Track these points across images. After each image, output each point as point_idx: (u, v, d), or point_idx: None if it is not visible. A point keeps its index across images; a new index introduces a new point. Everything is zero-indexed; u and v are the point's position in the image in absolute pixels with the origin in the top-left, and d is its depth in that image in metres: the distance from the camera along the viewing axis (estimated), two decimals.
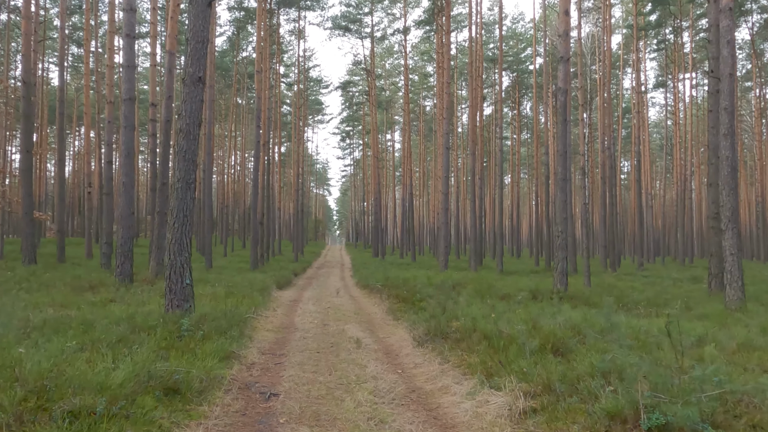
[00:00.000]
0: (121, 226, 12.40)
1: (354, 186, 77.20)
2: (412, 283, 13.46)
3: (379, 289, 13.60)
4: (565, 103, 12.54)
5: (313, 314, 10.88)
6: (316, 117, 68.13)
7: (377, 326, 9.78)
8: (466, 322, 7.77)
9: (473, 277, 14.89)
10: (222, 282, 14.06)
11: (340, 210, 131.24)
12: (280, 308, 11.92)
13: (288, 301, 13.35)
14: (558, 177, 12.53)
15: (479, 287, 12.89)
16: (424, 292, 12.06)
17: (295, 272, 24.04)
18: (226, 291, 11.82)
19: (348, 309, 11.70)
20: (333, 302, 12.90)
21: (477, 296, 11.69)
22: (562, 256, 12.43)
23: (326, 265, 33.94)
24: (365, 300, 13.56)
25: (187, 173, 7.40)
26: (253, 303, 10.81)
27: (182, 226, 7.36)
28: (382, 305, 11.94)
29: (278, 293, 15.43)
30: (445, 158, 21.63)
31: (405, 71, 35.45)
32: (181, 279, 7.35)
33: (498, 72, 26.23)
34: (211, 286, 12.82)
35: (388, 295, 12.40)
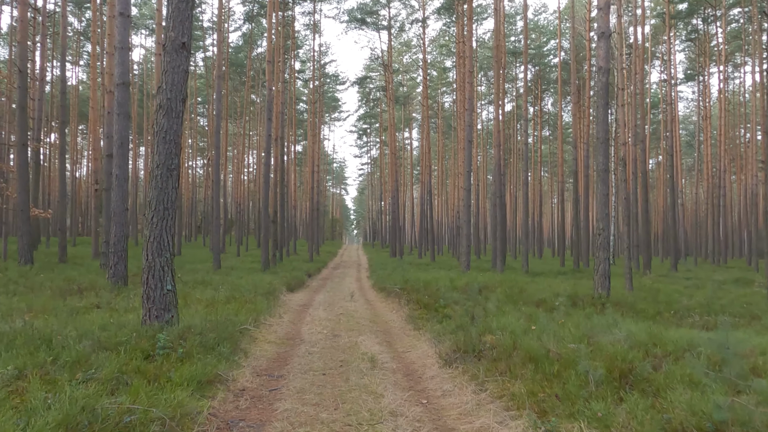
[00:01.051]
0: (114, 223, 11.29)
1: (371, 184, 76.04)
2: (433, 286, 12.16)
3: (398, 293, 12.31)
4: (606, 84, 11.13)
5: (323, 322, 9.62)
6: (332, 114, 67.06)
7: (395, 337, 8.49)
8: (503, 337, 6.45)
9: (500, 280, 13.53)
10: (227, 284, 12.90)
11: (358, 209, 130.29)
12: (288, 314, 10.69)
13: (297, 306, 12.12)
14: (598, 168, 11.12)
15: (509, 291, 11.54)
16: (448, 297, 10.77)
17: (309, 273, 22.86)
18: (228, 295, 10.64)
19: (362, 316, 10.43)
20: (346, 308, 11.64)
21: (508, 302, 10.35)
22: (603, 257, 11.03)
23: (342, 265, 32.74)
24: (382, 305, 12.28)
25: (168, 157, 6.20)
26: (256, 309, 9.60)
27: (162, 221, 6.16)
28: (400, 311, 10.65)
29: (288, 296, 14.23)
30: (467, 152, 20.26)
31: (423, 64, 34.09)
32: (161, 284, 6.13)
33: (523, 62, 24.78)
34: (212, 290, 11.66)
35: (408, 300, 11.10)
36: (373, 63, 54.16)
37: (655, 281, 18.17)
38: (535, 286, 12.57)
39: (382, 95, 54.03)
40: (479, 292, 12.00)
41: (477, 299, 10.86)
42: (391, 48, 41.14)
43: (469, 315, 9.19)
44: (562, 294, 11.08)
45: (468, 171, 20.19)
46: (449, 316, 9.47)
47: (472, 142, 20.51)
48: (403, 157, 60.37)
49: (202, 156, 65.61)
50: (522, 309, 9.47)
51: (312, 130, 35.89)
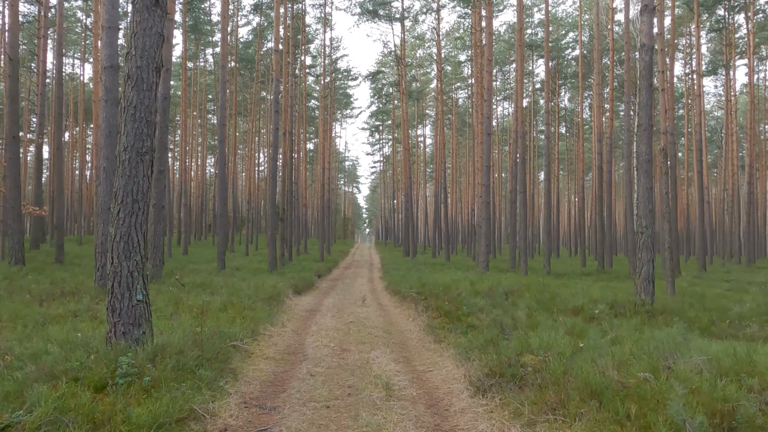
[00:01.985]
0: (102, 221, 10.25)
1: (384, 182, 74.92)
2: (453, 290, 10.97)
3: (414, 298, 11.14)
4: (649, 64, 9.86)
5: (331, 333, 8.48)
6: (344, 111, 65.96)
7: (413, 352, 7.33)
8: (549, 359, 5.26)
9: (526, 283, 12.30)
10: (227, 287, 11.82)
11: (370, 208, 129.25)
12: (292, 322, 9.57)
13: (303, 312, 11.00)
14: (640, 158, 9.86)
15: (539, 296, 10.32)
16: (472, 303, 9.58)
17: (319, 273, 21.75)
18: (225, 301, 9.53)
19: (375, 324, 9.27)
20: (357, 314, 10.49)
21: (539, 309, 9.14)
22: (647, 259, 9.77)
23: (354, 264, 31.62)
24: (397, 311, 11.12)
25: (139, 139, 5.07)
26: (255, 318, 8.49)
27: (131, 216, 5.04)
28: (418, 320, 9.47)
29: (294, 300, 13.11)
30: (485, 146, 19.03)
31: (438, 56, 32.81)
32: (129, 294, 5.02)
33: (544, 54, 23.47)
34: (209, 294, 10.58)
35: (426, 306, 9.92)
36: (386, 58, 53.02)
37: (691, 284, 16.83)
38: (566, 290, 11.33)
39: (394, 90, 52.86)
40: (505, 296, 10.81)
41: (504, 306, 9.67)
42: (404, 41, 39.94)
43: (497, 325, 8.01)
44: (599, 300, 9.85)
45: (487, 165, 18.96)
46: (474, 326, 8.31)
47: (491, 135, 19.27)
48: (416, 154, 59.16)
49: (213, 154, 64.85)
50: (558, 318, 8.27)
51: (323, 125, 34.78)
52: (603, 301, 9.69)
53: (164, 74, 12.55)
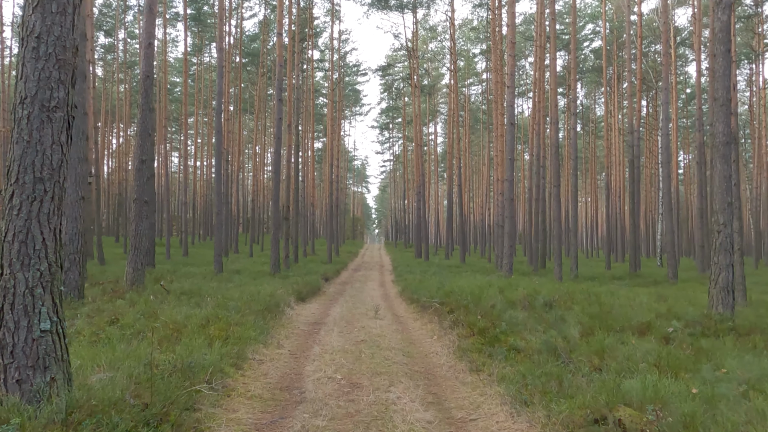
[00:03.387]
0: (66, 217, 8.58)
1: (394, 180, 73.24)
2: (485, 300, 9.19)
3: (437, 309, 9.38)
4: (727, 24, 8.05)
5: (338, 356, 6.75)
6: (353, 108, 64.28)
7: (446, 388, 5.58)
8: (664, 419, 3.49)
9: (566, 290, 10.50)
10: (219, 295, 10.14)
11: (379, 208, 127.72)
12: (290, 340, 7.86)
13: (306, 325, 9.28)
14: (717, 141, 8.04)
15: (590, 309, 8.51)
16: (508, 318, 7.83)
17: (326, 276, 20.06)
18: (210, 314, 7.83)
19: (392, 345, 7.52)
20: (369, 329, 8.75)
21: (597, 326, 7.36)
22: (725, 263, 7.95)
23: (363, 266, 29.91)
24: (416, 325, 9.36)
25: (45, 86, 3.36)
26: (242, 338, 6.79)
27: (31, 202, 3.33)
28: (444, 339, 7.72)
29: (297, 309, 11.41)
30: (509, 137, 17.24)
31: (452, 43, 31.01)
32: (28, 322, 3.31)
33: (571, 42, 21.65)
34: (195, 305, 8.89)
35: (454, 321, 8.14)
36: (396, 53, 51.28)
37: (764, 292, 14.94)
38: (617, 300, 9.52)
39: (406, 86, 51.12)
40: (547, 308, 9.03)
41: (548, 321, 7.91)
42: (417, 33, 38.21)
43: (550, 349, 6.26)
44: (667, 314, 8.04)
45: (510, 159, 17.16)
46: (518, 348, 6.57)
47: (515, 125, 17.48)
48: (428, 153, 57.40)
49: None
50: (627, 340, 6.49)
51: (331, 120, 33.12)
52: (671, 315, 7.89)
53: (146, 50, 10.90)
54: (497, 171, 23.58)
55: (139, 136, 10.91)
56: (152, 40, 10.89)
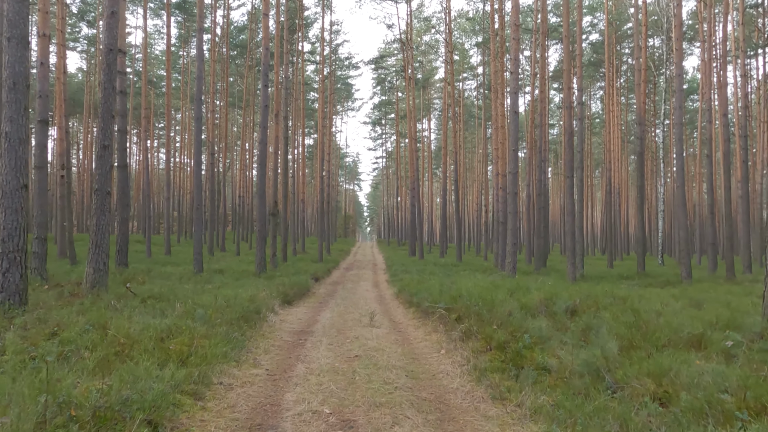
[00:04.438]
0: (3, 209, 7.24)
1: (387, 177, 71.92)
2: (498, 305, 7.91)
3: (443, 316, 8.10)
4: None
5: (327, 379, 5.45)
6: (345, 103, 62.86)
7: (466, 428, 4.30)
8: None
9: (588, 293, 9.25)
10: (192, 299, 8.81)
11: (371, 206, 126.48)
12: (270, 356, 6.57)
13: (290, 335, 7.99)
14: None
15: (622, 317, 7.27)
16: (529, 328, 6.57)
17: (317, 276, 18.77)
18: (172, 325, 6.50)
19: (392, 361, 6.23)
20: (364, 340, 7.47)
21: (635, 336, 6.13)
22: None
23: (356, 265, 28.61)
24: (418, 334, 8.08)
25: None
26: (208, 356, 5.50)
27: None
28: (455, 354, 6.44)
29: (282, 314, 10.13)
30: (512, 126, 16.01)
31: (448, 33, 29.73)
32: None
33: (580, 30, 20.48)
34: (159, 312, 7.56)
35: (466, 332, 6.85)
36: (390, 46, 49.97)
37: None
38: (648, 305, 8.28)
39: (399, 80, 49.84)
40: (569, 314, 7.79)
41: (576, 331, 6.68)
42: (411, 24, 36.93)
43: (590, 368, 5.02)
44: (710, 321, 6.81)
45: (514, 150, 15.93)
46: (548, 368, 5.32)
47: (518, 114, 16.25)
48: (420, 149, 56.16)
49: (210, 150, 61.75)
50: (678, 356, 5.25)
51: (322, 113, 31.76)
52: (722, 325, 6.67)
53: (110, 19, 9.54)
54: (497, 165, 22.36)
55: (101, 118, 9.55)
56: (116, 8, 9.53)
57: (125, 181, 14.13)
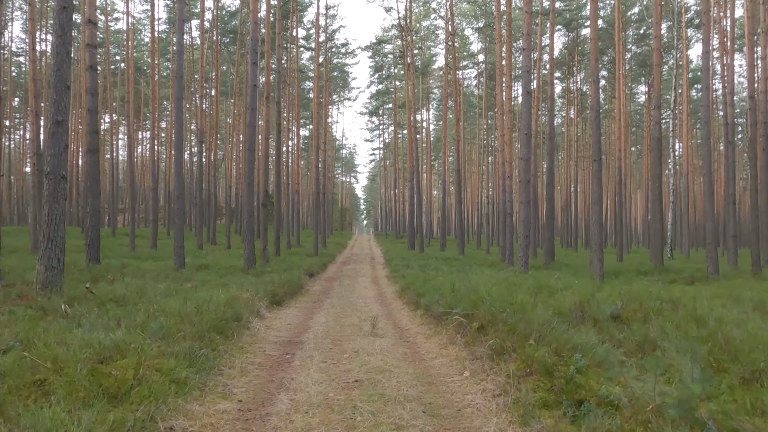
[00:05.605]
0: None
1: (384, 169, 70.44)
2: (529, 312, 6.48)
3: (461, 323, 6.68)
4: None
5: (317, 418, 4.04)
6: (341, 93, 61.20)
7: None
8: None
9: (628, 294, 7.84)
10: (160, 302, 7.39)
11: (368, 198, 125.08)
12: (246, 379, 5.15)
13: (275, 347, 6.58)
14: None
15: (685, 326, 5.87)
16: (577, 343, 5.15)
17: (311, 272, 17.39)
18: (120, 341, 5.06)
19: (403, 389, 4.81)
20: (365, 355, 6.06)
21: (718, 355, 4.74)
22: None
23: (353, 259, 27.21)
24: (430, 346, 6.66)
25: None
26: (157, 389, 4.07)
27: None
28: (484, 378, 5.02)
29: (268, 318, 8.73)
30: (524, 107, 14.57)
31: (450, 15, 28.22)
32: None
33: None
34: (106, 327, 6.12)
35: (497, 349, 5.40)
36: (388, 33, 48.38)
37: None
38: (701, 310, 6.88)
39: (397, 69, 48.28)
40: (615, 322, 6.40)
41: (631, 345, 5.28)
42: (411, 7, 35.36)
43: (682, 410, 3.62)
44: None
45: (527, 134, 14.49)
46: (615, 403, 3.93)
47: (531, 94, 14.81)
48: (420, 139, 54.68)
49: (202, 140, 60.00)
50: None
51: (317, 98, 30.23)
52: None
53: None
54: (503, 152, 20.94)
55: (53, 88, 8.08)
56: None
57: (96, 167, 12.65)
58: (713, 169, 16.74)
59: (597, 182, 11.69)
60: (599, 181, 11.72)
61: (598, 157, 11.64)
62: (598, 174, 11.64)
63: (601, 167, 11.81)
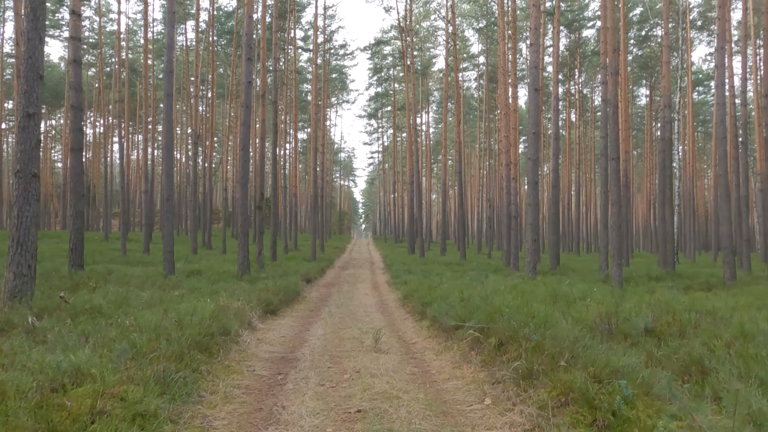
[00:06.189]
0: None
1: (383, 172, 69.71)
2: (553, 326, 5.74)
3: (476, 338, 5.94)
4: None
5: None
6: (340, 96, 60.52)
7: None
8: None
9: (654, 303, 7.11)
10: (137, 313, 6.65)
11: (366, 202, 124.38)
12: (228, 409, 4.40)
13: (266, 365, 5.84)
14: None
15: (738, 345, 5.14)
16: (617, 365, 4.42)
17: (308, 277, 16.64)
18: (84, 364, 4.31)
19: (415, 422, 4.07)
20: (369, 378, 5.31)
21: None
22: None
23: (351, 264, 26.46)
24: (442, 364, 5.92)
25: None
26: (117, 428, 3.32)
27: None
28: (511, 409, 4.25)
29: (261, 329, 7.99)
30: (532, 105, 13.88)
31: (452, 13, 27.58)
32: None
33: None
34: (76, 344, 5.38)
35: (524, 373, 4.65)
36: (386, 34, 47.76)
37: None
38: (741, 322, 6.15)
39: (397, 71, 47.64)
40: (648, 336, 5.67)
41: (673, 365, 4.55)
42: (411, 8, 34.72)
43: None
44: None
45: (534, 132, 13.78)
46: None
47: (539, 91, 14.12)
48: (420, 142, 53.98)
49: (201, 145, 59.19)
50: None
51: (315, 98, 29.52)
52: None
53: None
54: (507, 154, 20.24)
55: (23, 78, 7.35)
56: None
57: (80, 167, 11.90)
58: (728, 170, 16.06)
59: (615, 182, 10.96)
60: (618, 180, 10.98)
61: (617, 156, 10.89)
62: (617, 173, 10.89)
63: (619, 166, 11.08)
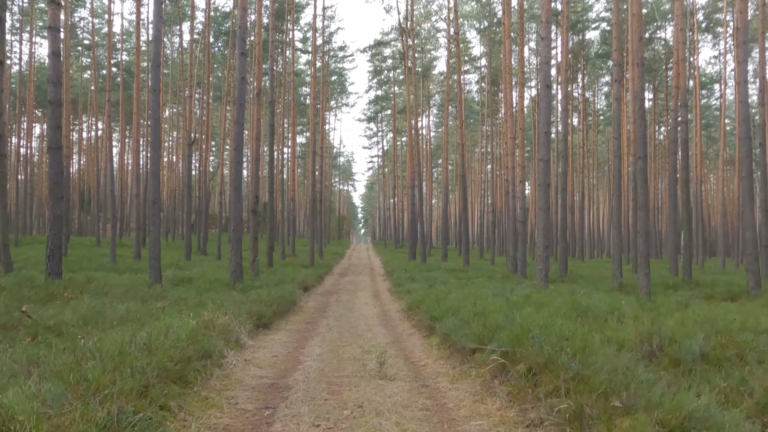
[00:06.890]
0: None
1: (383, 176, 68.84)
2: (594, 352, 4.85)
3: (503, 367, 5.04)
4: None
5: None
6: (339, 99, 59.72)
7: None
8: None
9: (705, 321, 6.23)
10: (102, 335, 5.76)
11: (366, 207, 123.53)
12: None
13: (252, 395, 4.94)
14: None
15: None
16: (689, 408, 3.50)
17: (306, 285, 15.74)
18: (8, 407, 3.41)
19: None
20: (374, 417, 4.41)
21: None
22: None
23: (351, 270, 25.55)
24: (458, 394, 5.01)
25: None
26: None
27: None
28: None
29: (250, 348, 7.09)
30: (543, 103, 13.02)
31: (455, 14, 26.77)
32: None
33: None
34: (26, 366, 4.48)
35: (573, 415, 3.76)
36: (386, 36, 47.01)
37: None
38: None
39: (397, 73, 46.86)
40: (704, 363, 4.78)
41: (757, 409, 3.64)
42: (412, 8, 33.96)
43: None
44: None
45: (546, 132, 12.92)
46: None
47: (550, 88, 13.27)
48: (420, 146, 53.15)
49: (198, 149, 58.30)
50: None
51: (314, 101, 28.68)
52: None
53: None
54: (514, 156, 19.38)
55: None
56: None
57: (58, 167, 11.01)
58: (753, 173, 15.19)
59: (643, 183, 10.02)
60: (645, 182, 10.05)
61: (644, 154, 9.96)
62: (644, 174, 9.96)
63: (646, 165, 10.19)
